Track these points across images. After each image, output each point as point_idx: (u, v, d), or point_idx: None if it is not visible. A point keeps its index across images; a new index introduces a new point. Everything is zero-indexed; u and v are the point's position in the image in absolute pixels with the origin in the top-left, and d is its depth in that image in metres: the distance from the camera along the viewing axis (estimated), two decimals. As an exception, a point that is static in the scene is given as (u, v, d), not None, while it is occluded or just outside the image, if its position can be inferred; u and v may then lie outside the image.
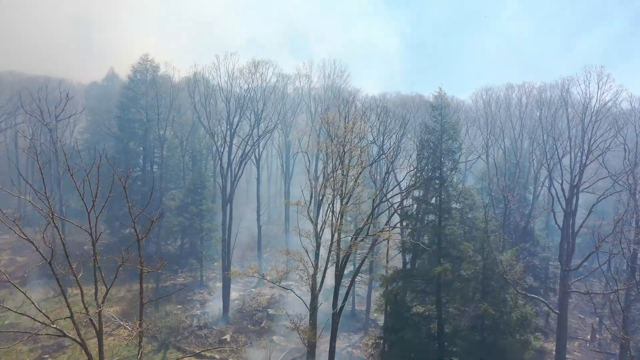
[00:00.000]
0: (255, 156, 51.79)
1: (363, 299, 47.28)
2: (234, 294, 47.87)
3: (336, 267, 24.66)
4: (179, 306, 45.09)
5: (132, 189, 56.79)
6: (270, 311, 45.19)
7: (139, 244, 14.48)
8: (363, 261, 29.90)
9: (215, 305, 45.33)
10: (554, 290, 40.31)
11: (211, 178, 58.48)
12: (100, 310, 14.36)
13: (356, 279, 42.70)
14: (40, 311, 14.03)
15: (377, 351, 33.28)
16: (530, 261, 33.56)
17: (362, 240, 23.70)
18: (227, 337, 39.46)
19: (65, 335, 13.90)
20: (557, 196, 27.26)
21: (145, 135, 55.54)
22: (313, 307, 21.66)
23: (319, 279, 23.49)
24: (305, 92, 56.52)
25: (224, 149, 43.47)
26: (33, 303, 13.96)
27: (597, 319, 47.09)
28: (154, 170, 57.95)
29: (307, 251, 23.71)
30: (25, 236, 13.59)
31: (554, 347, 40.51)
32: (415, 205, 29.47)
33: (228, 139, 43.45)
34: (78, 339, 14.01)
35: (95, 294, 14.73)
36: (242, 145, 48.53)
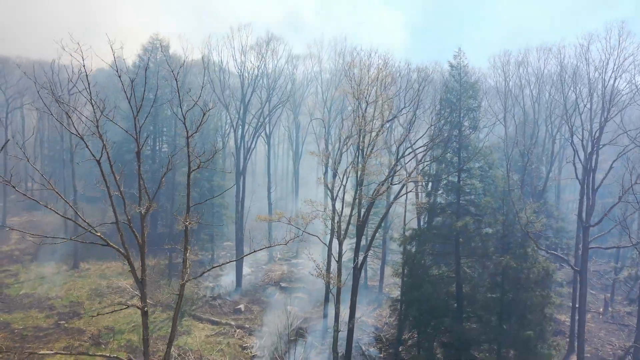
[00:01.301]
0: (265, 132, 51.81)
1: (376, 274, 47.32)
2: (245, 270, 47.94)
3: (358, 218, 24.67)
4: (192, 279, 45.18)
5: (142, 167, 56.88)
6: (283, 284, 45.27)
7: (188, 141, 14.47)
8: (380, 225, 29.88)
9: (227, 280, 45.42)
10: (567, 262, 40.32)
11: (220, 159, 58.48)
12: (147, 213, 14.20)
13: (368, 255, 42.94)
14: (84, 220, 13.98)
15: (394, 315, 33.32)
16: (547, 226, 33.65)
17: (387, 189, 23.68)
18: (242, 306, 39.50)
19: (107, 244, 13.85)
20: (578, 153, 27.28)
21: (155, 114, 55.53)
22: (339, 254, 21.65)
23: (343, 227, 23.47)
24: (316, 69, 56.52)
25: (237, 122, 43.51)
26: (75, 210, 13.80)
27: (609, 294, 47.36)
28: (163, 149, 58.02)
29: (332, 199, 23.72)
30: (78, 132, 13.35)
31: (568, 319, 40.65)
32: (433, 164, 29.51)
33: (241, 112, 43.52)
34: (122, 250, 13.98)
35: (140, 200, 14.60)
36: (252, 122, 48.64)
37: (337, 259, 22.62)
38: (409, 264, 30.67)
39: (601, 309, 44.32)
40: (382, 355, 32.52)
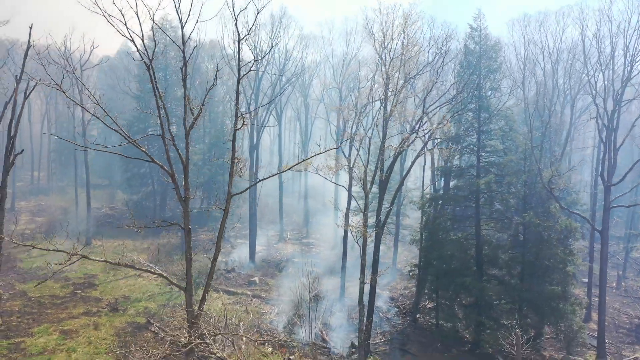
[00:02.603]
0: (276, 111, 51.75)
1: (389, 250, 47.26)
2: (257, 247, 47.91)
3: (381, 174, 24.62)
4: (205, 255, 45.10)
5: (152, 145, 56.99)
6: (296, 260, 45.21)
7: (239, 45, 14.36)
8: (395, 196, 29.59)
9: (240, 256, 45.40)
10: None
11: (229, 139, 58.45)
12: (191, 127, 14.08)
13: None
14: (127, 135, 13.87)
15: (413, 280, 33.31)
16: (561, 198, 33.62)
17: (415, 138, 23.60)
18: (256, 279, 39.51)
19: (152, 160, 13.70)
20: (599, 112, 27.29)
21: (164, 94, 55.56)
22: (365, 207, 21.61)
23: (369, 178, 23.37)
24: (328, 51, 56.48)
25: (250, 96, 43.51)
26: (117, 123, 13.68)
27: (620, 272, 47.47)
28: (172, 130, 57.85)
29: (357, 150, 23.68)
30: (129, 35, 13.20)
31: (582, 292, 40.71)
32: (452, 127, 29.46)
33: (254, 87, 43.53)
34: (166, 167, 13.87)
35: (185, 116, 14.44)
36: (263, 100, 48.62)
37: (362, 210, 22.54)
38: (428, 228, 30.65)
39: (614, 284, 44.41)
40: (400, 322, 32.50)
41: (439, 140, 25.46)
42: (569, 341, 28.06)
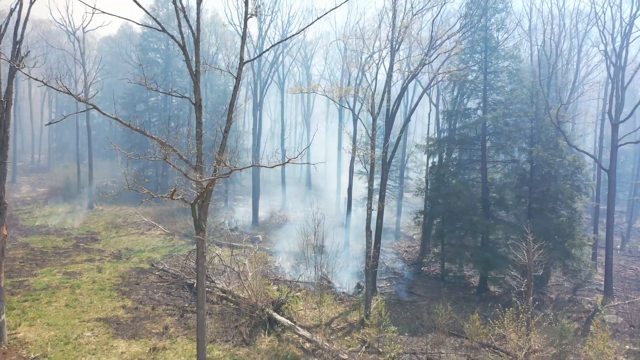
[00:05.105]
0: (279, 78, 51.51)
1: (392, 213, 47.11)
2: (260, 214, 47.69)
3: (386, 116, 24.40)
4: (208, 216, 44.89)
5: (153, 114, 56.75)
6: (299, 222, 44.99)
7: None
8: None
9: (242, 219, 45.22)
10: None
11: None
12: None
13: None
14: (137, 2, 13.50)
15: (418, 227, 33.14)
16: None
17: (432, 60, 23.30)
18: (259, 236, 39.33)
19: (163, 30, 13.43)
20: (607, 50, 27.12)
21: (166, 64, 55.35)
22: (373, 129, 21.36)
23: (377, 101, 23.05)
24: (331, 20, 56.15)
25: (254, 54, 43.29)
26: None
27: (623, 235, 47.46)
28: (173, 101, 57.67)
29: (365, 75, 23.44)
30: None
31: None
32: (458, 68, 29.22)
33: (259, 44, 43.37)
34: (177, 39, 13.56)
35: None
36: (267, 69, 48.35)
37: (370, 135, 22.25)
38: (433, 173, 30.47)
39: (618, 246, 44.31)
40: (406, 272, 32.34)
41: (446, 74, 25.18)
42: (577, 282, 27.93)
